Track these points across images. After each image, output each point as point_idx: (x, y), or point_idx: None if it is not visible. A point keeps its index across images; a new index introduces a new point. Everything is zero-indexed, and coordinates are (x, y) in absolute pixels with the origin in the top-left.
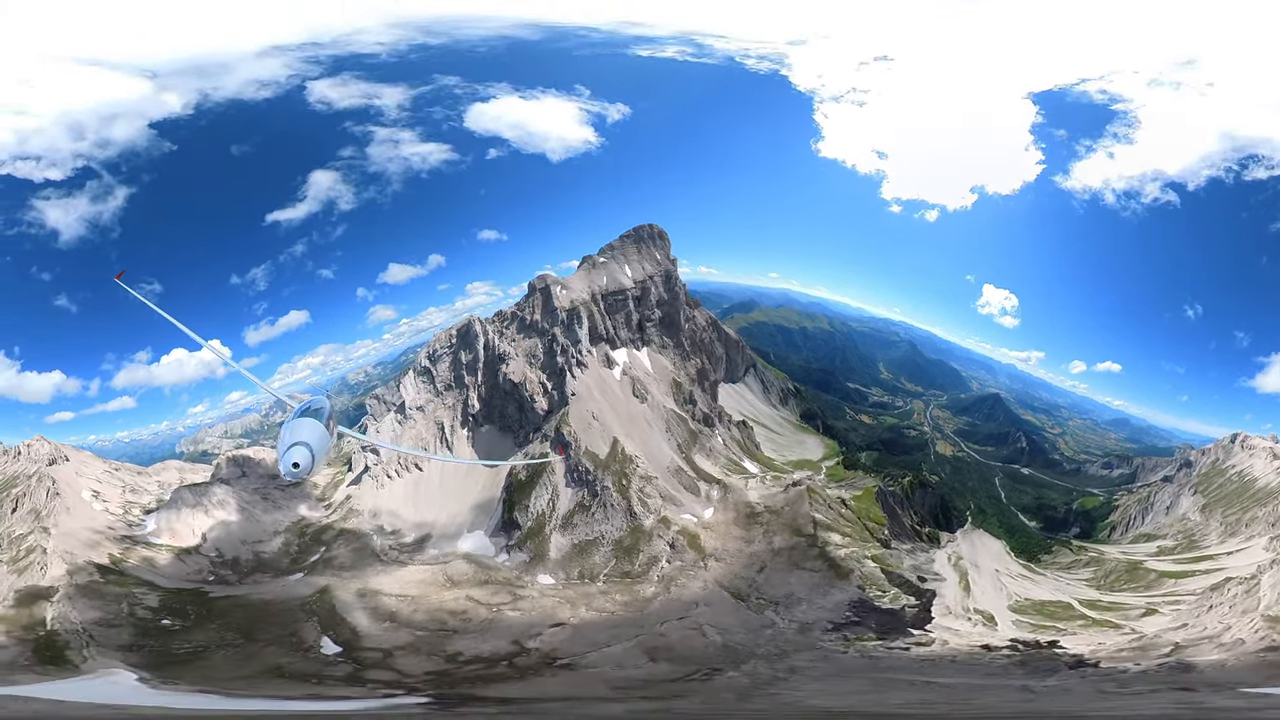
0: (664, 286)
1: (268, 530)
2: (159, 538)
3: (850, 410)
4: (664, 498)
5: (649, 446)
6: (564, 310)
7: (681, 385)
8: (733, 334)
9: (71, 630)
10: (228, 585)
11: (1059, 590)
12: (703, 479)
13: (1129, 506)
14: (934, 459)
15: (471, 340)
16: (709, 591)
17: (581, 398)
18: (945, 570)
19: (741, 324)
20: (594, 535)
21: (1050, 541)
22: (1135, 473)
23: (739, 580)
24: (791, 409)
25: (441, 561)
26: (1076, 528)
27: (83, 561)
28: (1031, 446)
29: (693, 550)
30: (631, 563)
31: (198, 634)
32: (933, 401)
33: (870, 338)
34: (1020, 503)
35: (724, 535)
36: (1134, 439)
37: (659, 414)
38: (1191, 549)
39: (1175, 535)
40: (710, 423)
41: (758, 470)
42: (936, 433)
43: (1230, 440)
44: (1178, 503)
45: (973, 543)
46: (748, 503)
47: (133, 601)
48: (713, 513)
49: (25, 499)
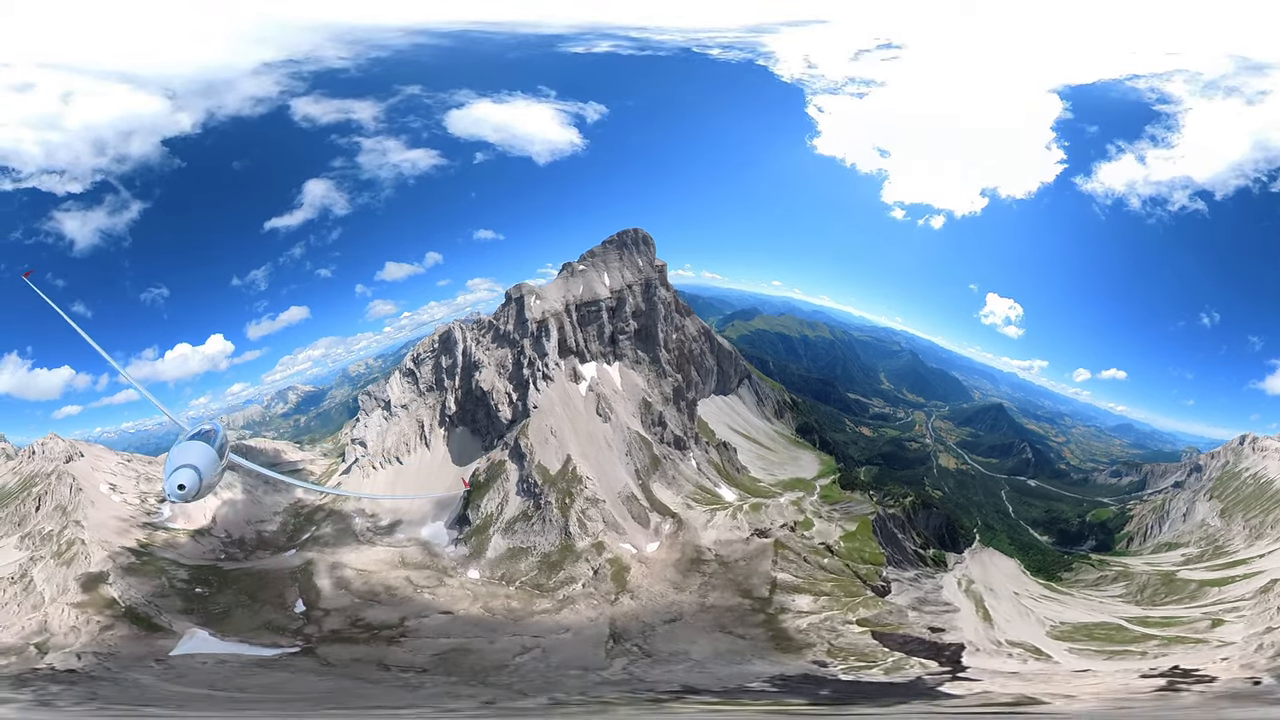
0: (643, 296)
1: (269, 511)
2: (175, 522)
3: (850, 422)
4: (607, 523)
5: (603, 468)
6: (534, 321)
7: (651, 405)
8: (726, 344)
9: (141, 603)
10: (236, 561)
11: (1095, 610)
12: (656, 510)
13: (1144, 516)
14: (937, 473)
15: (451, 346)
16: (591, 624)
17: (543, 411)
18: (957, 598)
19: (743, 331)
20: (528, 544)
21: (1068, 557)
22: (1145, 480)
23: (635, 623)
24: (787, 422)
25: (402, 545)
26: (1092, 540)
27: (118, 548)
28: (1037, 457)
29: (614, 581)
30: (549, 577)
31: (221, 598)
32: (934, 412)
33: (871, 347)
34: (1030, 517)
35: (656, 574)
36: (1139, 444)
37: (621, 435)
38: (1220, 555)
39: (1199, 542)
40: (682, 445)
41: (735, 497)
42: (939, 445)
43: (1239, 442)
44: (1194, 509)
45: (983, 563)
46: (698, 545)
47: (169, 577)
48: (657, 548)
49: (48, 497)
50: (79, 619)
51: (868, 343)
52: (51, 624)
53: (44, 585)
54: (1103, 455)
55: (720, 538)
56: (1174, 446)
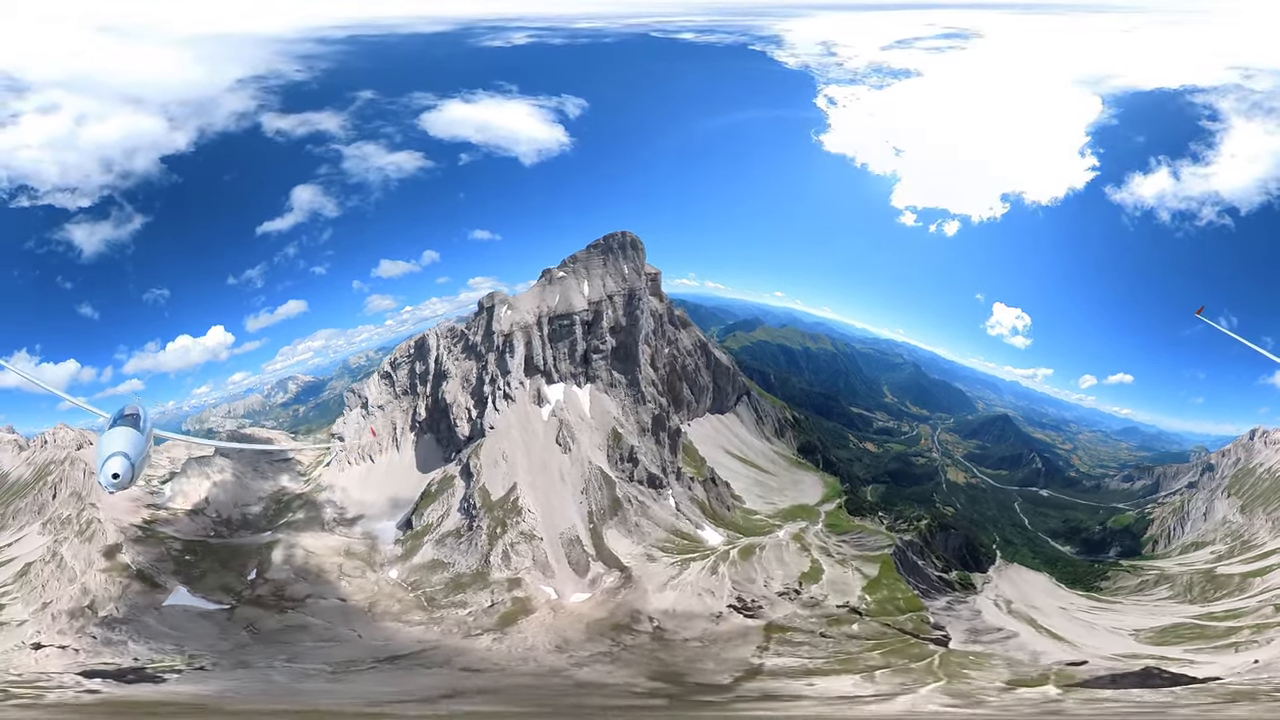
0: (623, 309)
1: (254, 496)
2: (174, 502)
3: (854, 438)
4: (536, 562)
5: (551, 503)
6: (501, 334)
7: (622, 437)
8: (725, 358)
9: (147, 566)
10: (221, 537)
11: (1155, 614)
12: (602, 559)
13: (1165, 518)
14: (946, 488)
15: (425, 353)
16: (416, 644)
17: (499, 433)
18: (1003, 621)
19: (744, 342)
20: (450, 561)
21: (1099, 566)
22: (1157, 482)
23: (457, 660)
24: (788, 442)
25: (354, 536)
26: (1117, 547)
27: (127, 524)
28: (1047, 466)
29: (500, 620)
30: (447, 596)
31: (201, 565)
32: (940, 425)
33: (874, 359)
34: (1048, 528)
35: (556, 628)
36: (1146, 446)
37: (580, 470)
38: (1249, 549)
39: (1225, 539)
40: (658, 483)
41: (721, 540)
42: (946, 459)
43: (1250, 437)
44: (1214, 507)
45: (1012, 580)
46: (637, 610)
47: (168, 546)
48: (585, 600)
49: (63, 484)
50: (108, 581)
51: (870, 355)
52: (91, 588)
53: (73, 561)
54: (1111, 460)
55: (679, 606)
56: (1181, 447)
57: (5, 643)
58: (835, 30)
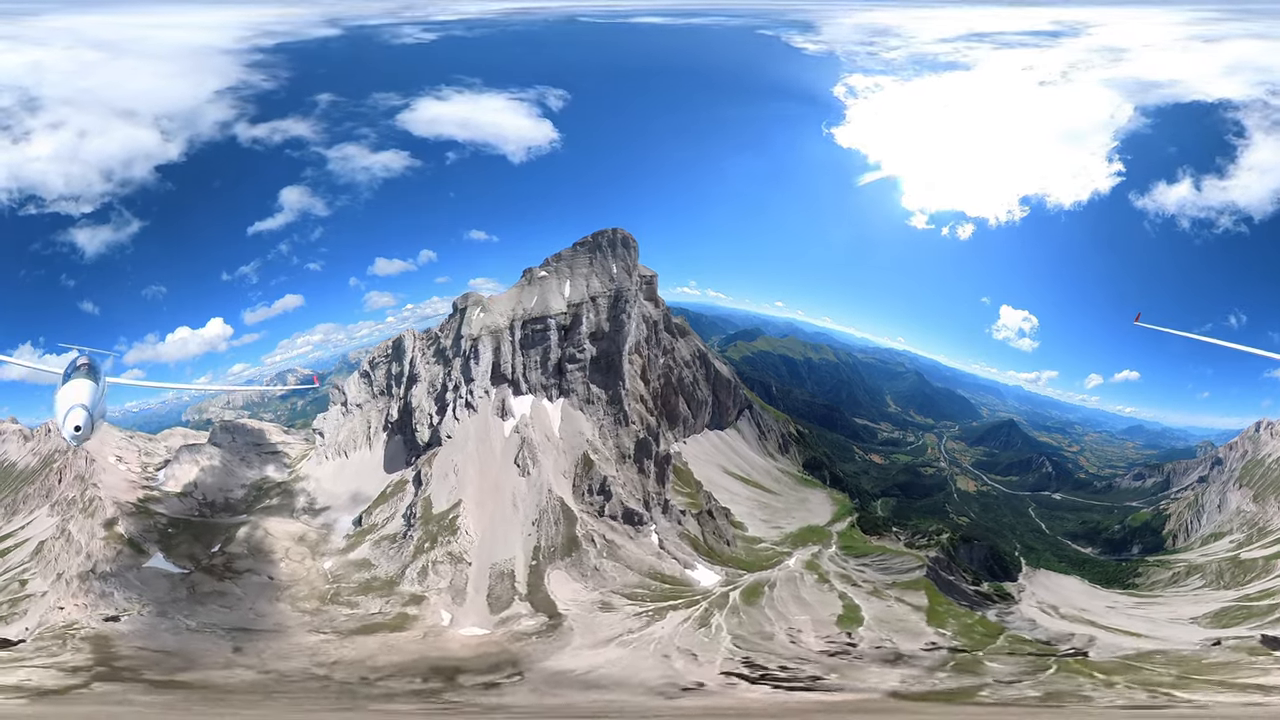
0: (607, 313)
1: (239, 483)
2: (166, 485)
3: (859, 450)
4: (452, 586)
5: (495, 530)
6: (469, 338)
7: (595, 465)
8: (726, 370)
9: (138, 536)
10: (205, 518)
11: (1196, 603)
12: (531, 601)
13: (1181, 513)
14: (958, 498)
15: (401, 354)
16: (280, 628)
17: (455, 444)
18: (1059, 625)
19: (745, 352)
20: (376, 563)
21: (1128, 564)
22: (1168, 479)
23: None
24: (793, 458)
25: (314, 525)
26: (1139, 544)
27: (124, 502)
28: (1057, 469)
29: (365, 630)
30: (352, 594)
31: (180, 537)
32: (945, 433)
33: (875, 369)
34: (1066, 531)
35: (405, 652)
36: (1152, 444)
37: (535, 498)
38: (1265, 535)
39: (1241, 528)
40: (637, 519)
41: (718, 581)
42: (955, 468)
43: (1255, 429)
44: (1227, 500)
45: (1046, 586)
46: (529, 663)
47: (156, 521)
48: (470, 634)
49: (68, 470)
50: (105, 547)
51: (872, 365)
52: (93, 554)
53: (79, 535)
54: (1118, 459)
55: (611, 670)
56: (1186, 442)
57: (36, 613)
58: (889, 19)
